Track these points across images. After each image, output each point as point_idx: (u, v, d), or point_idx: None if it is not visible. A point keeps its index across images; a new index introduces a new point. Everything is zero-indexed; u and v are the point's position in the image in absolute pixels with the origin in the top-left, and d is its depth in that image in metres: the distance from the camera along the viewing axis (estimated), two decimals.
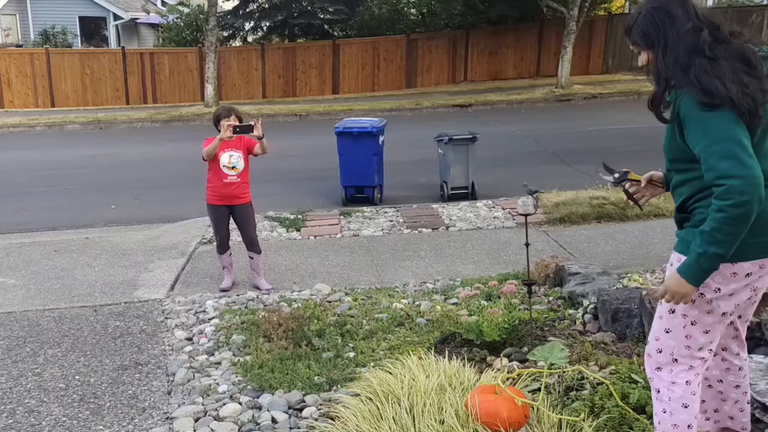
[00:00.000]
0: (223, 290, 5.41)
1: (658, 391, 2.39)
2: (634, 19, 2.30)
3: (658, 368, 2.38)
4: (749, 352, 3.02)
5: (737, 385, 2.52)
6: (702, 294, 2.24)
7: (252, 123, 5.13)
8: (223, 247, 5.48)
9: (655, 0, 2.24)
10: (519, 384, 3.07)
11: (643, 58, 2.32)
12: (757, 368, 2.80)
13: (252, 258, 5.51)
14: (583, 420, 2.65)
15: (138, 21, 27.77)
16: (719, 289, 2.24)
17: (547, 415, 2.77)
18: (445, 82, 22.07)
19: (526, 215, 3.73)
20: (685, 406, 2.32)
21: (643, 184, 2.61)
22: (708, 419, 2.57)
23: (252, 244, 5.48)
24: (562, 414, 2.78)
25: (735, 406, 2.54)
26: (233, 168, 5.25)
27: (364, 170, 8.55)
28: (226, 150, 5.23)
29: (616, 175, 2.64)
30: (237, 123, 5.16)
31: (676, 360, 2.33)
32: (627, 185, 2.62)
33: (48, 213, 8.85)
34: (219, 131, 5.14)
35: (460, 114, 17.30)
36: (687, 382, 2.32)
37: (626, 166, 2.73)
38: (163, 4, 30.70)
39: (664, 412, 2.36)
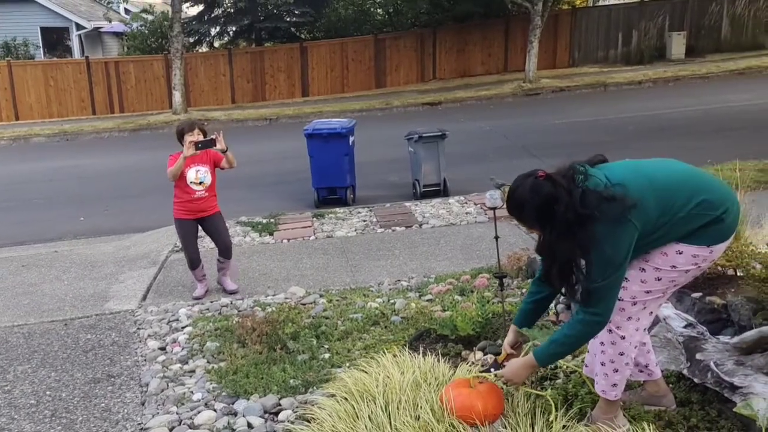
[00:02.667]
0: (196, 298, 5.37)
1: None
2: (526, 212, 2.46)
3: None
4: (716, 334, 3.08)
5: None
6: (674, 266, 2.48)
7: (213, 137, 5.07)
8: (194, 263, 5.42)
9: (539, 191, 2.40)
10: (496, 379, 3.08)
11: (536, 232, 2.56)
12: (724, 348, 2.85)
13: (221, 262, 5.50)
14: (552, 398, 2.67)
15: (101, 30, 27.34)
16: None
17: (522, 405, 2.79)
18: (414, 80, 22.11)
19: (494, 208, 3.75)
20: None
21: (514, 352, 2.86)
22: (641, 371, 2.80)
23: (227, 250, 5.47)
24: (536, 403, 2.80)
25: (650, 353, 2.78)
26: (201, 183, 5.21)
27: (335, 171, 8.53)
28: (192, 165, 5.18)
29: (492, 369, 2.85)
30: (199, 138, 5.08)
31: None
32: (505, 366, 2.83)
33: (15, 228, 8.68)
34: (183, 146, 5.09)
35: (430, 112, 17.34)
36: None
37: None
38: (127, 12, 30.31)
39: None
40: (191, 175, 5.18)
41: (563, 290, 2.57)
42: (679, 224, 2.41)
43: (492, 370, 2.84)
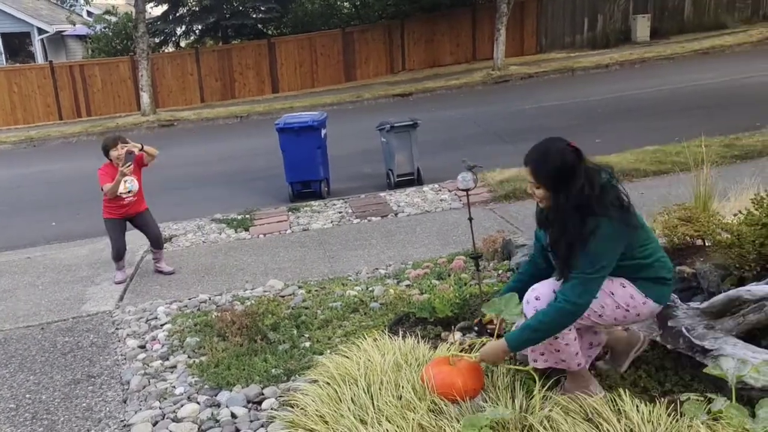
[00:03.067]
0: (118, 282, 5.76)
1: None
2: (543, 166, 2.62)
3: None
4: (687, 301, 3.16)
5: None
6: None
7: (131, 149, 5.54)
8: (120, 254, 5.84)
9: (564, 154, 2.60)
10: (473, 353, 3.12)
11: (540, 194, 2.69)
12: (694, 314, 2.93)
13: (155, 252, 5.99)
14: (533, 371, 2.71)
15: (64, 34, 26.87)
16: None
17: (501, 380, 2.84)
18: (383, 72, 22.11)
19: (466, 190, 3.79)
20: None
21: (495, 318, 2.95)
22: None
23: (158, 242, 5.95)
24: (515, 377, 2.85)
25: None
26: (129, 192, 5.71)
27: (308, 164, 8.51)
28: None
29: (476, 328, 2.95)
30: (123, 151, 5.52)
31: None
32: (488, 330, 2.91)
33: None
34: (110, 159, 5.67)
35: (401, 103, 17.37)
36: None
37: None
38: (89, 14, 29.80)
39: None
40: (120, 187, 5.62)
41: (561, 263, 2.66)
42: (642, 266, 2.67)
43: (475, 329, 2.91)
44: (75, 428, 3.39)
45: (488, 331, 2.89)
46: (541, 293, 2.67)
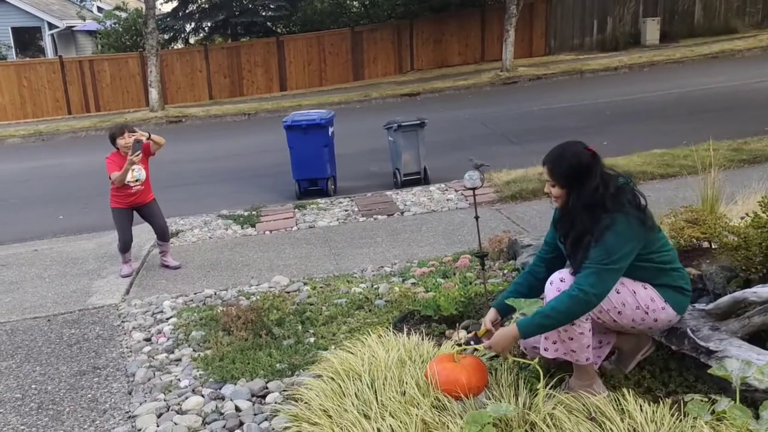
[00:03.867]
0: (124, 276, 5.78)
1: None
2: (559, 165, 2.72)
3: None
4: (692, 303, 3.16)
5: None
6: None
7: (138, 138, 5.55)
8: (127, 246, 5.84)
9: (580, 155, 2.70)
10: (478, 352, 3.13)
11: (556, 192, 2.78)
12: (699, 315, 2.93)
13: (161, 245, 6.01)
14: (538, 364, 2.71)
15: (74, 29, 27.00)
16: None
17: (505, 378, 2.84)
18: (392, 72, 22.12)
19: (473, 189, 3.79)
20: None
21: (493, 329, 2.91)
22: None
23: (164, 234, 5.95)
24: (519, 375, 2.86)
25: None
26: (137, 180, 5.72)
27: (315, 162, 8.53)
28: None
29: (472, 342, 2.93)
30: (131, 140, 5.53)
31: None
32: (482, 343, 2.89)
33: None
34: (117, 148, 5.65)
35: (408, 103, 17.37)
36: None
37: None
38: (100, 10, 29.93)
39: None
40: (128, 176, 5.63)
41: (574, 257, 2.71)
42: (661, 271, 2.73)
43: (472, 343, 2.88)
44: (80, 419, 3.41)
45: (482, 342, 2.89)
46: (565, 276, 2.70)
